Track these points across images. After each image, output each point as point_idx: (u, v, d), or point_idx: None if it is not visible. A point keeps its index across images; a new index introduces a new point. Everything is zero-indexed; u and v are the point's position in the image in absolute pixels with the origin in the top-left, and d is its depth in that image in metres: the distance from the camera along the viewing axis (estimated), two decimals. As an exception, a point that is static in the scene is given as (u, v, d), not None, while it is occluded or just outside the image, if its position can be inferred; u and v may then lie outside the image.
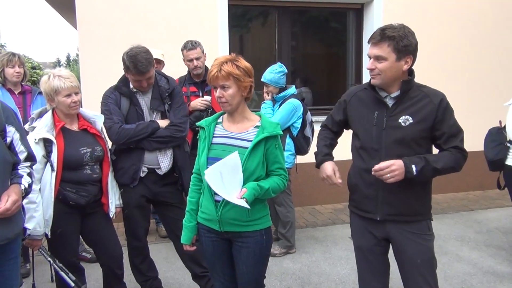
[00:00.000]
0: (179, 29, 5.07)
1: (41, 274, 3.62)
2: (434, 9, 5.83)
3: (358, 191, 2.39)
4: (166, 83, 3.12)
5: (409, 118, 2.17)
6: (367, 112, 2.29)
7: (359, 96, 2.36)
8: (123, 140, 2.93)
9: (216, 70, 2.14)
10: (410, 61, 2.15)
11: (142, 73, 2.87)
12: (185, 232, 2.40)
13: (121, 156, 3.03)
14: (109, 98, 3.02)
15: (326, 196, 5.85)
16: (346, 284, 3.70)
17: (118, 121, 2.95)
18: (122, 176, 3.03)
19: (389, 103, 2.23)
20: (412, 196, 2.24)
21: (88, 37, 4.92)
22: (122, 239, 4.60)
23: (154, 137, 2.97)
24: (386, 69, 2.14)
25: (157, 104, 3.06)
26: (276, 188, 2.23)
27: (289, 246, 4.29)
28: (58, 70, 2.75)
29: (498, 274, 3.82)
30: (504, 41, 6.17)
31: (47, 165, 2.62)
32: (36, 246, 2.68)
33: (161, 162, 3.05)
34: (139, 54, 2.84)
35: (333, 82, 6.45)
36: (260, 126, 2.22)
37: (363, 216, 2.38)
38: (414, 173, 2.11)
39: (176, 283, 3.73)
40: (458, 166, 2.20)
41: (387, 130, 2.21)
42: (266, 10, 5.90)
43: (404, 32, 2.10)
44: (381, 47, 2.13)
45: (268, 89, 4.18)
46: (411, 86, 2.21)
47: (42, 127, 2.64)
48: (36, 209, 2.55)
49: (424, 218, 2.30)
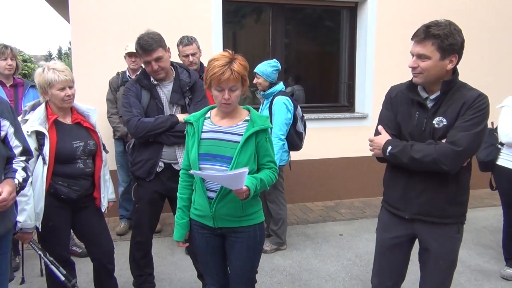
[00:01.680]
0: (173, 24, 5.05)
1: (31, 268, 3.61)
2: (428, 7, 5.87)
3: (390, 187, 2.38)
4: (187, 76, 3.07)
5: (443, 119, 2.11)
6: (408, 111, 2.23)
7: (403, 94, 2.27)
8: (141, 133, 2.89)
9: (229, 72, 2.08)
10: (455, 60, 2.07)
11: (147, 50, 2.83)
12: (177, 229, 2.39)
13: (139, 150, 3.01)
14: (130, 91, 2.99)
15: (317, 193, 5.88)
16: (336, 280, 3.73)
17: (137, 114, 2.92)
18: (139, 169, 3.00)
19: (430, 105, 2.16)
20: (444, 198, 2.17)
21: (81, 31, 4.88)
22: (113, 234, 4.61)
23: (173, 131, 2.93)
24: (430, 68, 2.06)
25: (177, 97, 3.02)
26: (268, 181, 2.24)
27: (280, 243, 4.31)
28: (53, 63, 2.73)
29: (486, 272, 3.88)
30: (495, 42, 6.23)
31: (39, 158, 2.60)
32: (27, 239, 2.65)
33: (179, 157, 3.00)
34: (145, 34, 2.86)
35: (326, 80, 6.47)
36: (250, 120, 2.22)
37: (392, 212, 2.35)
38: (386, 154, 2.17)
39: (167, 278, 3.73)
40: (443, 157, 2.02)
41: (426, 131, 2.16)
42: (260, 7, 5.89)
43: (450, 30, 2.01)
44: (424, 46, 2.04)
45: (258, 80, 4.18)
46: (453, 86, 2.12)
47: (35, 119, 2.61)
48: (27, 202, 2.53)
49: (456, 222, 2.23)
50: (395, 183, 2.31)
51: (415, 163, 2.10)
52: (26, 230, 2.59)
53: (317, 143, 5.55)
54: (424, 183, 2.17)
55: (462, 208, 2.25)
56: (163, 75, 2.98)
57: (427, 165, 2.07)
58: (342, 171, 5.92)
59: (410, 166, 2.14)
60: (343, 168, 5.91)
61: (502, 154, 3.66)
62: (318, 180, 5.86)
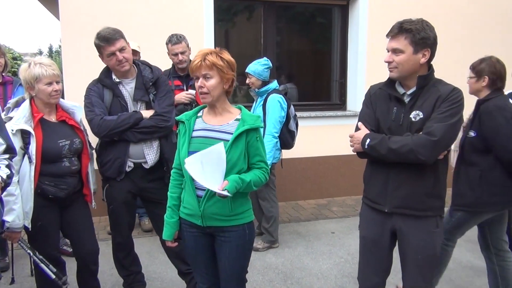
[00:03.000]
0: (164, 22, 5.02)
1: (21, 268, 3.58)
2: (419, 5, 5.89)
3: (370, 182, 2.42)
4: (150, 72, 3.05)
5: (419, 113, 2.18)
6: (387, 107, 2.30)
7: (381, 91, 2.37)
8: (105, 132, 2.87)
9: (200, 59, 2.13)
10: (427, 54, 2.15)
11: (110, 39, 2.81)
12: (167, 228, 2.38)
13: (106, 150, 2.99)
14: (91, 91, 2.97)
15: (309, 191, 5.89)
16: (328, 278, 3.74)
17: (100, 113, 2.89)
18: (108, 169, 2.98)
19: (407, 100, 2.24)
20: (422, 191, 2.23)
21: (71, 28, 4.84)
22: (104, 233, 4.58)
23: (138, 128, 2.91)
24: (404, 62, 2.15)
25: (141, 94, 3.00)
26: (257, 181, 2.23)
27: (272, 241, 4.31)
28: (38, 58, 2.70)
29: (476, 268, 3.91)
30: (483, 38, 6.26)
31: (24, 157, 2.55)
32: (16, 239, 2.62)
33: (147, 155, 2.99)
34: (105, 28, 2.87)
35: (318, 78, 6.48)
36: (241, 119, 2.22)
37: (372, 207, 2.40)
38: (365, 146, 2.23)
39: (159, 277, 3.72)
40: (420, 147, 2.08)
41: (404, 125, 2.23)
42: (252, 5, 5.88)
43: (422, 25, 2.12)
44: (398, 40, 2.15)
45: (250, 80, 4.17)
46: (429, 82, 2.20)
47: (20, 117, 2.57)
48: (15, 201, 2.49)
49: (434, 215, 2.28)
50: (375, 178, 2.37)
51: (393, 154, 2.16)
52: (15, 229, 2.55)
53: (309, 141, 5.56)
54: (402, 177, 2.23)
55: (440, 201, 2.31)
56: (128, 67, 2.94)
57: (404, 155, 2.13)
58: (334, 169, 5.93)
59: (388, 157, 2.20)
60: (335, 166, 5.92)
61: None
62: (310, 178, 5.87)
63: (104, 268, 3.78)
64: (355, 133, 2.35)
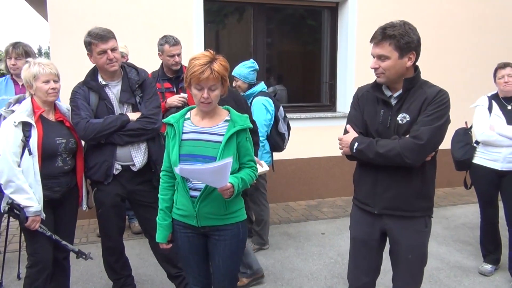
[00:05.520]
0: (153, 23, 5.01)
1: (8, 272, 3.54)
2: (408, 7, 5.94)
3: (360, 184, 2.44)
4: (136, 74, 3.04)
5: (406, 116, 2.19)
6: (374, 110, 2.32)
7: (368, 93, 2.37)
8: (91, 135, 2.85)
9: (209, 71, 2.09)
10: (413, 57, 2.16)
11: (104, 37, 2.81)
12: (160, 231, 2.37)
13: (93, 153, 2.97)
14: (77, 94, 2.95)
15: (300, 192, 5.90)
16: (318, 279, 3.75)
17: (86, 116, 2.87)
18: (95, 173, 2.96)
19: (393, 102, 2.25)
20: (410, 192, 2.25)
21: (60, 30, 4.81)
22: (94, 236, 4.56)
23: (125, 130, 2.90)
24: (390, 68, 2.16)
25: (127, 96, 2.99)
26: (249, 180, 2.26)
27: (262, 243, 4.31)
28: (38, 59, 2.81)
29: (465, 268, 3.95)
30: (472, 41, 6.33)
31: (25, 150, 2.60)
32: (38, 222, 2.66)
33: (134, 158, 2.98)
34: (98, 27, 2.87)
35: (308, 80, 6.49)
36: (231, 120, 2.23)
37: (362, 208, 2.41)
38: (353, 150, 2.25)
39: (149, 280, 3.70)
40: (407, 151, 2.10)
41: (391, 128, 2.24)
42: (242, 6, 5.88)
43: (405, 29, 2.12)
44: (383, 46, 2.15)
45: (237, 83, 4.14)
46: (415, 84, 2.22)
47: (23, 111, 2.64)
48: (28, 190, 2.58)
49: (423, 215, 2.31)
50: (364, 180, 2.39)
51: (380, 158, 2.18)
52: (37, 212, 2.62)
53: (299, 142, 5.56)
54: (390, 179, 2.25)
55: (428, 202, 2.34)
56: (117, 67, 2.93)
57: (391, 159, 2.15)
58: (324, 170, 5.95)
59: (376, 161, 2.21)
60: (325, 167, 5.94)
61: (477, 152, 3.71)
62: (301, 180, 5.88)
63: (94, 271, 3.77)
64: (344, 137, 2.36)
